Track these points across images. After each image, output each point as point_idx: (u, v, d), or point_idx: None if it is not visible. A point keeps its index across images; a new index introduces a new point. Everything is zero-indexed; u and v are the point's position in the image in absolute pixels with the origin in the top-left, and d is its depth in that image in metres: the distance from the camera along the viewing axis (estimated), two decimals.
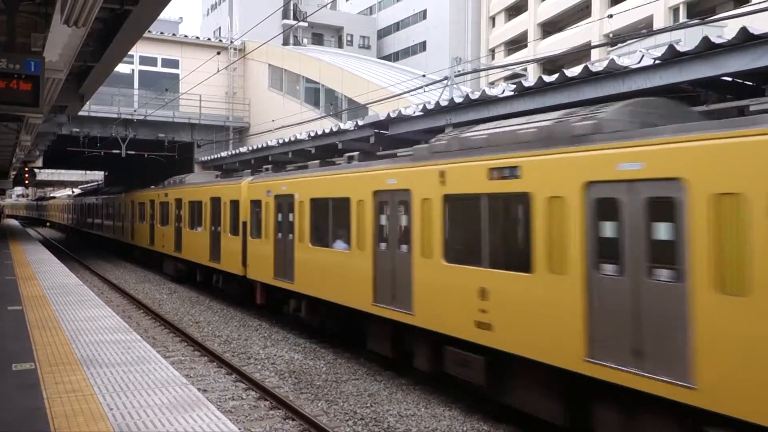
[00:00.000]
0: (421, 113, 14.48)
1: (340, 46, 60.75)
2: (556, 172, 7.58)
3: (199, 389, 8.16)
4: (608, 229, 7.02)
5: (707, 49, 8.34)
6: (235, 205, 17.94)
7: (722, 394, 5.86)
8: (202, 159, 32.91)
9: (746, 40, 7.89)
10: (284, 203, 14.78)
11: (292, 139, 21.27)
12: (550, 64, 41.10)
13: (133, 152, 31.60)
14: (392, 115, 15.52)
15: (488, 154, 8.71)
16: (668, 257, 6.38)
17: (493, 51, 54.81)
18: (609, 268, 6.93)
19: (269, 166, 19.60)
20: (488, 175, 8.58)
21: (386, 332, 11.21)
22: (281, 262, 14.77)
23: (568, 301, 7.28)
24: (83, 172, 64.87)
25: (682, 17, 35.90)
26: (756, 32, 7.77)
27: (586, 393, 7.50)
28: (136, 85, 35.49)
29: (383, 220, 11.04)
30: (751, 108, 7.32)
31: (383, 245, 10.94)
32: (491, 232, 8.65)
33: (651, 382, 6.42)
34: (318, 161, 15.08)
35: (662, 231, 6.48)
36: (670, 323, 6.30)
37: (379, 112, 18.39)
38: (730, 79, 8.72)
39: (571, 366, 7.25)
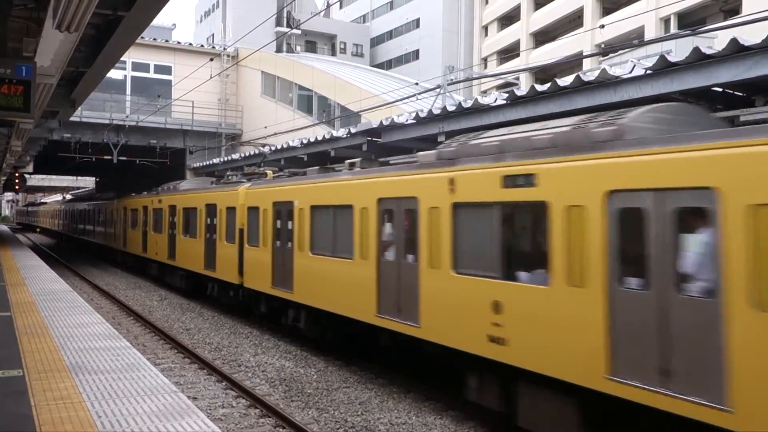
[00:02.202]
0: (413, 121, 14.53)
1: (333, 53, 60.87)
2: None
3: (189, 397, 8.11)
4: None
5: (698, 60, 8.41)
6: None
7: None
8: (194, 165, 32.84)
9: (736, 51, 7.96)
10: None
11: (285, 146, 21.28)
12: (543, 73, 41.33)
13: (124, 158, 31.50)
14: (385, 123, 15.55)
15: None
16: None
17: (485, 60, 55.07)
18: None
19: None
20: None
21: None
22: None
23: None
24: (74, 177, 64.60)
25: (673, 28, 36.18)
26: (746, 43, 7.84)
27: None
28: (128, 91, 35.43)
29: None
30: (742, 118, 7.38)
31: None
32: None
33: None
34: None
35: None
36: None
37: (372, 119, 18.42)
38: (720, 89, 8.79)
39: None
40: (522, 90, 11.68)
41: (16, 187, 39.43)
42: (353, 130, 17.07)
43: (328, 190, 12.44)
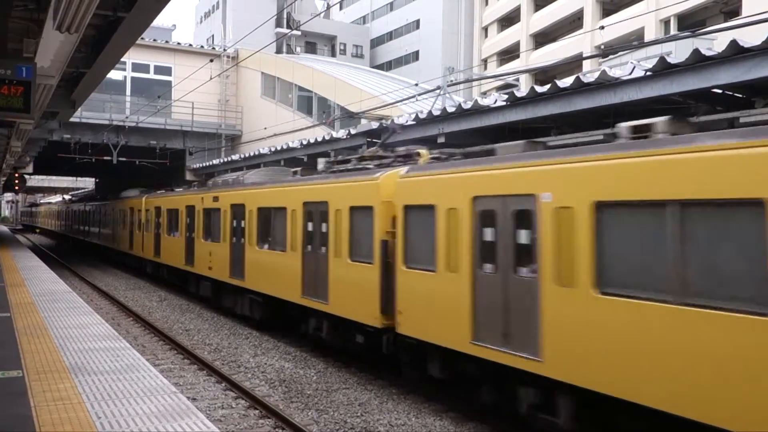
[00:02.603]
0: (413, 122, 14.53)
1: (333, 54, 60.91)
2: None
3: (188, 398, 8.11)
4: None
5: (698, 62, 8.41)
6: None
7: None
8: (194, 166, 32.84)
9: (736, 52, 7.96)
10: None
11: (285, 147, 21.29)
12: (542, 74, 41.37)
13: (124, 159, 31.51)
14: (385, 124, 15.55)
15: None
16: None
17: (485, 61, 55.08)
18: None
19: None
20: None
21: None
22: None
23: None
24: (74, 178, 64.59)
25: (673, 30, 36.21)
26: (746, 45, 7.84)
27: None
28: (128, 91, 35.44)
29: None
30: (741, 120, 7.37)
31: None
32: None
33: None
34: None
35: None
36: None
37: (372, 120, 18.42)
38: (720, 91, 8.79)
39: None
40: (522, 91, 11.69)
41: (16, 187, 39.42)
42: (353, 131, 17.08)
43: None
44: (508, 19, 53.50)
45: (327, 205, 12.25)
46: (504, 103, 11.86)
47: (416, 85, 22.36)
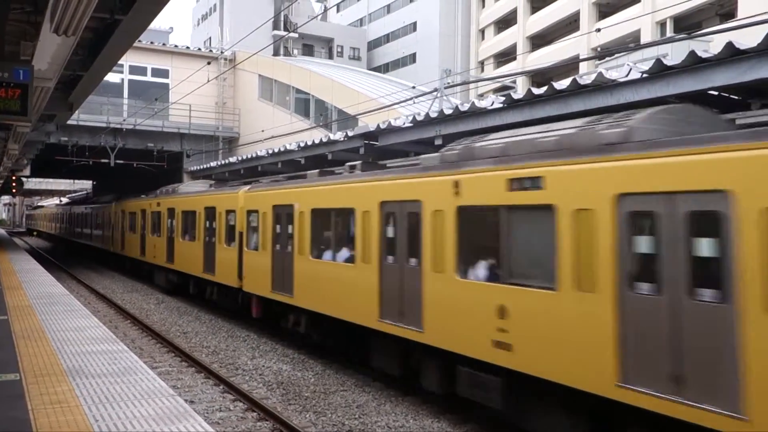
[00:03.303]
0: (410, 124, 14.54)
1: (331, 57, 60.93)
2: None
3: (186, 400, 8.11)
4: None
5: (694, 63, 8.44)
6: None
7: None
8: (192, 169, 32.81)
9: (732, 54, 7.99)
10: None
11: (282, 149, 21.28)
12: (539, 76, 41.44)
13: (121, 161, 31.47)
14: (382, 126, 15.57)
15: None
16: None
17: (482, 63, 55.14)
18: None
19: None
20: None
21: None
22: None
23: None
24: (71, 181, 64.48)
25: (669, 32, 36.30)
26: (742, 47, 7.87)
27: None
28: (125, 94, 35.38)
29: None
30: (738, 122, 7.40)
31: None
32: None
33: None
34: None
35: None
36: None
37: (369, 123, 18.44)
38: (716, 93, 8.82)
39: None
40: (519, 93, 11.71)
41: (13, 190, 39.34)
42: (350, 134, 17.09)
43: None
44: (505, 22, 53.57)
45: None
46: (501, 105, 11.89)
47: (413, 87, 22.38)
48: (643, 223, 6.55)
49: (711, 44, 17.78)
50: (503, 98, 11.95)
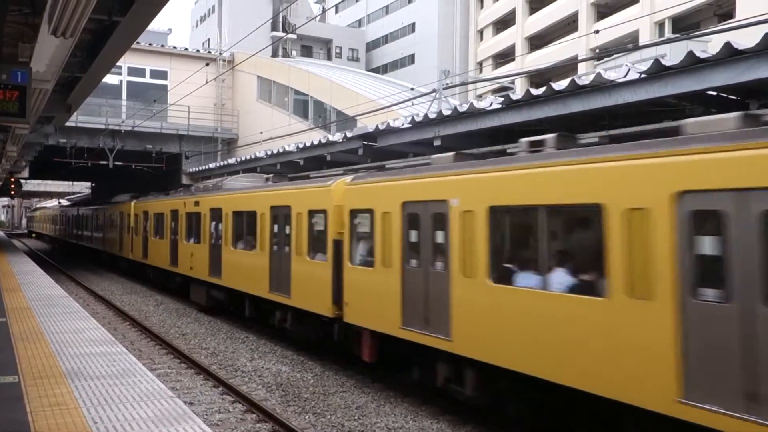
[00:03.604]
0: (409, 125, 14.54)
1: (329, 58, 60.95)
2: None
3: (185, 402, 8.10)
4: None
5: (692, 64, 8.44)
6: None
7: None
8: (190, 170, 32.82)
9: (730, 54, 8.00)
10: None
11: (281, 150, 21.28)
12: (538, 77, 41.44)
13: (120, 163, 31.47)
14: (381, 127, 15.56)
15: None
16: None
17: (481, 64, 55.18)
18: None
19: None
20: None
21: None
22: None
23: None
24: (70, 183, 64.45)
25: (668, 32, 36.34)
26: (740, 47, 7.88)
27: None
28: (124, 96, 35.39)
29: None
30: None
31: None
32: None
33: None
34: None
35: None
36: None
37: (368, 124, 18.44)
38: (714, 93, 8.82)
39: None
40: (517, 94, 11.71)
41: (12, 192, 39.30)
42: (349, 135, 17.09)
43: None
44: (504, 22, 53.61)
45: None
46: (499, 106, 11.89)
47: (412, 88, 22.39)
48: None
49: (709, 45, 17.80)
50: (502, 99, 11.95)
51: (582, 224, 7.88)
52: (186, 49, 40.43)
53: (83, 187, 66.43)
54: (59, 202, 67.67)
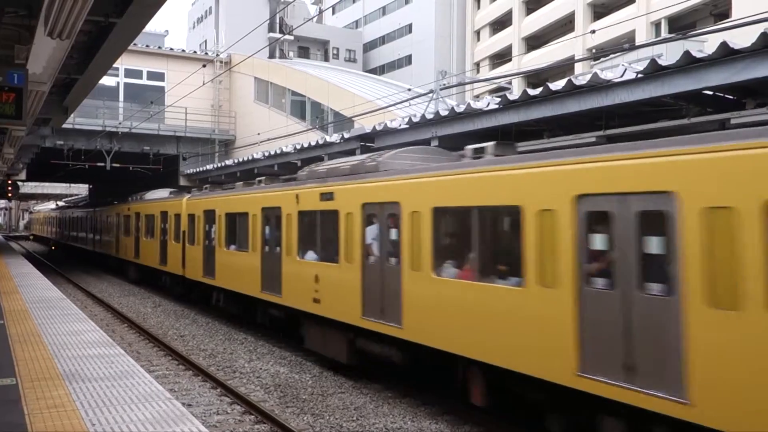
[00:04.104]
0: (406, 126, 14.54)
1: (326, 59, 60.92)
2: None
3: (183, 404, 8.09)
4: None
5: (688, 63, 8.45)
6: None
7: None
8: (188, 172, 32.80)
9: (726, 54, 8.01)
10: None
11: (279, 151, 21.27)
12: (535, 77, 41.49)
13: (117, 165, 31.43)
14: (378, 128, 15.56)
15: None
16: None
17: (478, 65, 55.24)
18: None
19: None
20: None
21: None
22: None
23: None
24: (67, 185, 64.40)
25: (664, 32, 36.40)
26: (736, 47, 7.89)
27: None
28: (121, 97, 35.35)
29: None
30: (732, 121, 7.41)
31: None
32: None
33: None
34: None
35: None
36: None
37: (365, 125, 18.44)
38: (711, 92, 8.84)
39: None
40: (514, 94, 11.71)
41: (9, 194, 39.27)
42: (347, 136, 17.08)
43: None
44: (500, 23, 53.66)
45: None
46: (496, 106, 11.88)
47: (409, 89, 22.39)
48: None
49: (705, 44, 17.86)
50: (499, 99, 11.96)
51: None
52: (183, 50, 40.43)
53: (80, 190, 66.35)
54: (56, 204, 67.54)
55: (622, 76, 9.37)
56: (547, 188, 7.51)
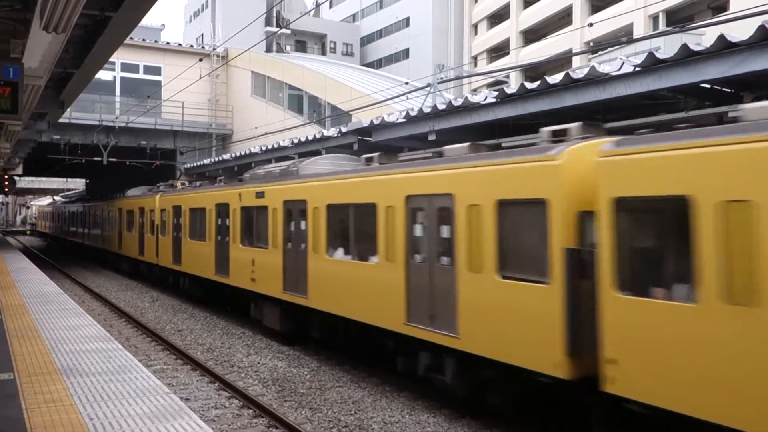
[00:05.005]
0: (404, 120, 14.52)
1: (324, 53, 60.77)
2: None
3: (181, 398, 8.09)
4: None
5: (686, 57, 8.44)
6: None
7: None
8: (185, 166, 32.73)
9: (724, 47, 8.00)
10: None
11: (276, 146, 21.24)
12: (532, 71, 41.46)
13: (114, 160, 31.37)
14: (375, 122, 15.54)
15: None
16: None
17: (475, 58, 55.14)
18: None
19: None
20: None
21: None
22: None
23: None
24: (64, 179, 64.25)
25: (662, 25, 36.37)
26: (734, 40, 7.88)
27: None
28: (117, 92, 35.25)
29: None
30: (730, 114, 7.41)
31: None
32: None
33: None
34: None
35: None
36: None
37: (363, 119, 18.41)
38: (708, 86, 8.83)
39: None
40: (512, 88, 11.69)
41: (6, 189, 39.18)
42: (344, 130, 17.05)
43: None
44: (498, 16, 53.57)
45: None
46: (494, 100, 11.86)
47: (407, 83, 22.34)
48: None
49: (703, 37, 17.83)
50: (496, 93, 11.94)
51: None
52: (179, 44, 40.25)
53: (77, 184, 66.23)
54: (53, 199, 67.45)
55: (619, 69, 9.36)
56: (393, 190, 10.29)
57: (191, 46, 42.32)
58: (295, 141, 19.82)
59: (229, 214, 16.96)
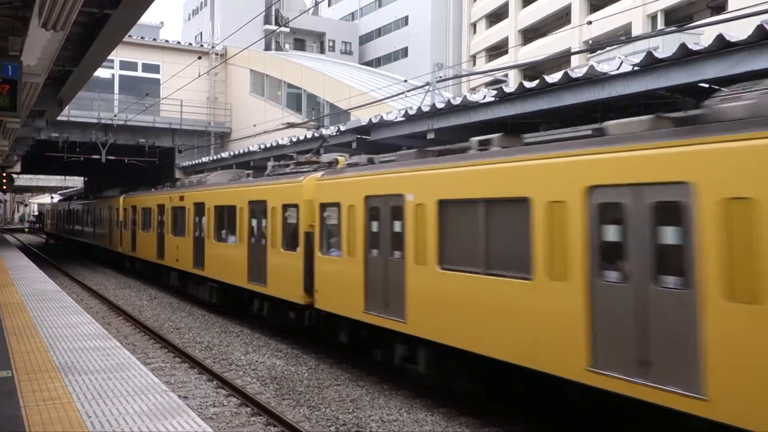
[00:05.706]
0: (402, 118, 14.54)
1: (322, 51, 60.71)
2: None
3: (179, 396, 8.10)
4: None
5: (685, 56, 8.46)
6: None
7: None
8: (183, 164, 32.72)
9: (722, 47, 8.02)
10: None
11: (275, 144, 21.25)
12: (531, 70, 41.46)
13: (113, 158, 31.35)
14: (374, 121, 15.56)
15: None
16: None
17: (474, 57, 55.14)
18: None
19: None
20: None
21: None
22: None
23: None
24: (62, 177, 64.21)
25: (660, 25, 36.39)
26: (732, 39, 7.90)
27: None
28: (116, 89, 35.23)
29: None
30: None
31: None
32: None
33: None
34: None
35: None
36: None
37: (361, 117, 18.41)
38: (707, 85, 8.85)
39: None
40: (511, 87, 11.71)
41: (4, 187, 39.12)
42: (343, 128, 17.07)
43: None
44: (497, 15, 53.57)
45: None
46: (493, 99, 11.89)
47: (405, 81, 22.34)
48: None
49: (702, 37, 17.85)
50: (495, 92, 11.95)
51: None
52: (178, 42, 40.23)
53: (76, 182, 66.19)
54: (51, 197, 67.36)
55: (618, 68, 9.38)
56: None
57: (190, 44, 42.30)
58: (294, 139, 19.83)
59: (165, 211, 22.18)
